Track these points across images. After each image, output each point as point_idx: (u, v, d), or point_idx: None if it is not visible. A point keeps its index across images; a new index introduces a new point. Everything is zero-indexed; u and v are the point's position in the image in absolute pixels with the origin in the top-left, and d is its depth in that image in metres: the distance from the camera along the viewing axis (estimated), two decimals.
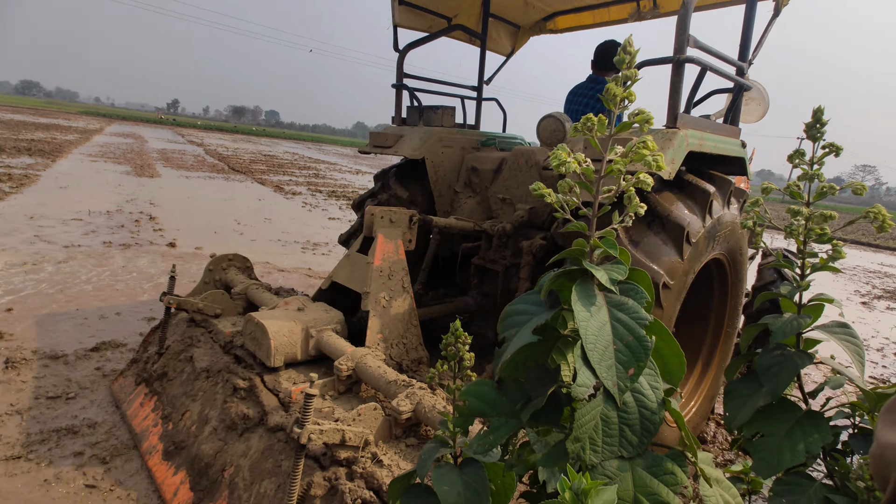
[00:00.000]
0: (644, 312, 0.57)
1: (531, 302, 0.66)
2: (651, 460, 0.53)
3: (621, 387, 0.53)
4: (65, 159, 12.62)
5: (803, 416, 0.97)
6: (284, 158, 23.62)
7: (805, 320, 0.97)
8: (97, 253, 5.11)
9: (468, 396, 0.67)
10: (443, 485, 0.65)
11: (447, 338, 0.71)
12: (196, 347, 2.36)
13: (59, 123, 28.41)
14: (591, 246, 0.63)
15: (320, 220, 8.64)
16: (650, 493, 0.50)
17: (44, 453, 2.15)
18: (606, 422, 0.54)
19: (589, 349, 0.54)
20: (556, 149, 0.62)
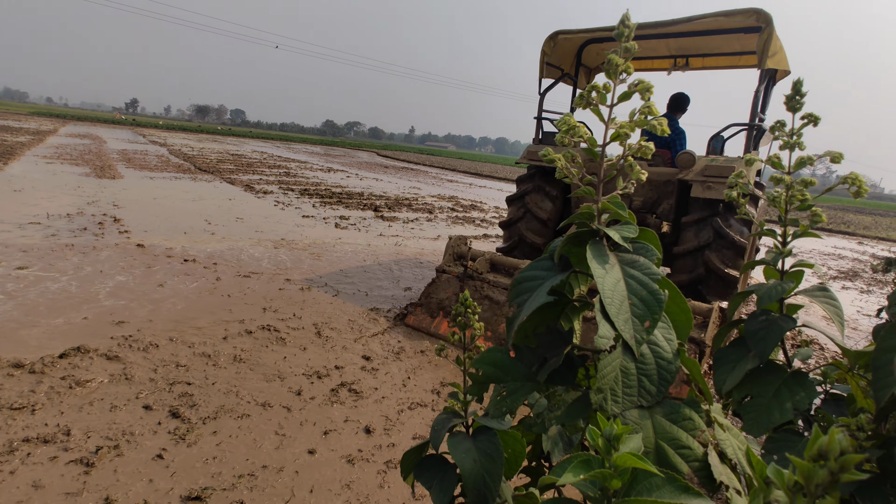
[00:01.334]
0: (655, 268, 0.59)
1: (541, 268, 0.67)
2: (669, 408, 0.55)
3: (638, 339, 0.54)
4: (17, 161, 12.01)
5: (789, 377, 1.01)
6: (253, 157, 23.09)
7: (788, 285, 1.01)
8: (59, 257, 4.89)
9: (482, 364, 0.68)
10: (458, 452, 0.65)
11: (457, 307, 0.71)
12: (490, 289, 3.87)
13: (9, 125, 26.99)
14: (598, 210, 0.65)
15: (294, 218, 8.49)
16: (671, 439, 0.52)
17: (16, 463, 2.06)
18: (626, 373, 0.56)
19: (607, 303, 0.56)
20: (564, 115, 0.64)
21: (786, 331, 1.01)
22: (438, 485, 0.69)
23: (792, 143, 0.99)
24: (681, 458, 0.51)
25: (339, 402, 2.83)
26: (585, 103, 0.67)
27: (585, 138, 0.64)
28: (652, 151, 0.63)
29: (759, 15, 3.82)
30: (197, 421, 2.49)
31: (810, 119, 0.97)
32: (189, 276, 4.69)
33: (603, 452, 0.45)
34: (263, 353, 3.33)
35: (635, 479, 0.45)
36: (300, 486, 2.13)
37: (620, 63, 0.64)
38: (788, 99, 0.99)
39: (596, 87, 0.63)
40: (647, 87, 0.64)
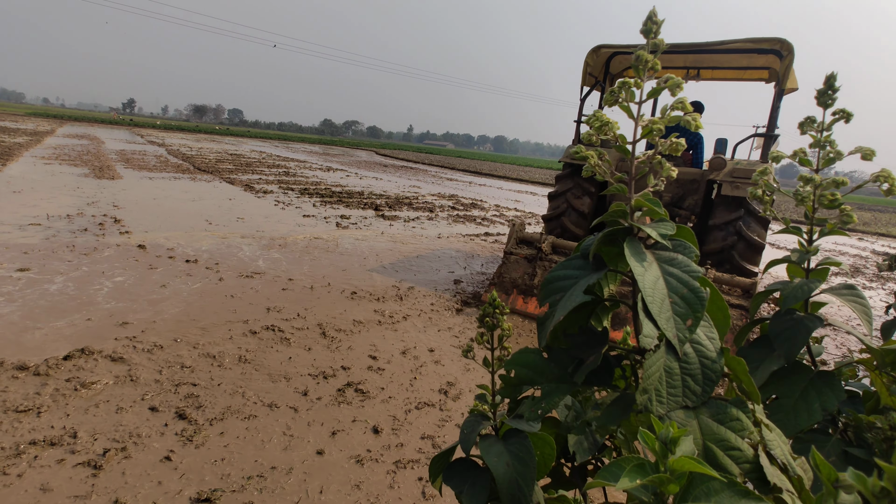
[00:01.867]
0: (695, 266, 0.58)
1: (573, 267, 0.66)
2: (715, 408, 0.53)
3: (681, 338, 0.53)
4: (16, 162, 11.97)
5: (815, 377, 1.00)
6: (252, 157, 23.04)
7: (815, 284, 1.00)
8: (60, 258, 4.87)
9: (514, 366, 0.66)
10: (491, 456, 0.64)
11: (485, 307, 0.70)
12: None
13: (6, 126, 26.90)
14: (631, 207, 0.63)
15: (295, 217, 8.47)
16: (719, 440, 0.51)
17: (23, 466, 2.04)
18: (670, 373, 0.54)
19: (648, 301, 0.54)
20: (595, 112, 0.62)
21: (813, 330, 0.99)
22: (470, 490, 0.67)
23: (822, 139, 0.97)
24: (731, 459, 0.50)
25: (346, 403, 2.82)
26: (614, 100, 0.66)
27: (617, 135, 0.63)
28: (683, 148, 0.62)
29: (782, 44, 4.52)
30: (204, 422, 2.48)
31: (842, 115, 0.95)
32: (191, 277, 4.67)
33: (659, 456, 0.44)
34: (268, 353, 3.32)
35: (691, 484, 0.44)
36: (310, 487, 2.11)
37: (649, 59, 0.63)
38: (820, 94, 0.97)
39: (625, 84, 0.62)
40: (677, 83, 0.62)
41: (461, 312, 4.61)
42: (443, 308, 4.64)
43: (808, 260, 1.03)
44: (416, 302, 4.71)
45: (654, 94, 0.67)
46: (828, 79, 0.89)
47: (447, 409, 2.89)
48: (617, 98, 0.62)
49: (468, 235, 8.53)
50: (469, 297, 5.08)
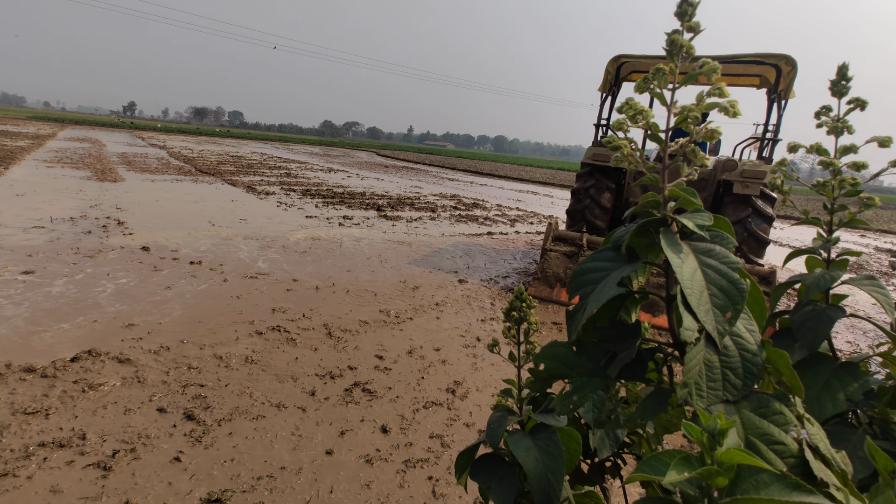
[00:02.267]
0: (734, 257, 0.57)
1: (603, 259, 0.65)
2: (757, 402, 0.52)
3: (720, 331, 0.52)
4: (18, 166, 11.98)
5: (838, 367, 0.99)
6: (253, 159, 23.05)
7: (836, 274, 0.99)
8: (65, 261, 4.86)
9: (544, 359, 0.65)
10: (520, 451, 0.63)
11: (512, 301, 0.69)
12: None
13: (8, 129, 26.95)
14: (664, 197, 0.62)
15: (298, 218, 8.47)
16: (762, 434, 0.50)
17: (33, 468, 2.04)
18: (709, 367, 0.53)
19: (687, 293, 0.53)
20: (628, 99, 0.61)
21: (835, 321, 0.98)
22: (498, 485, 0.66)
23: (838, 128, 0.96)
24: (775, 454, 0.49)
25: (354, 402, 2.81)
26: (646, 87, 0.65)
27: (650, 123, 0.62)
28: (720, 135, 0.61)
29: (787, 59, 5.11)
30: (212, 423, 2.47)
31: (857, 103, 0.94)
32: (196, 279, 4.66)
33: (706, 448, 0.43)
34: (275, 354, 3.31)
35: (738, 477, 0.43)
36: (320, 487, 2.10)
37: (685, 43, 0.61)
38: (834, 84, 0.96)
39: (660, 69, 0.60)
40: (714, 67, 0.61)
41: (467, 312, 4.60)
42: (448, 308, 4.63)
43: (829, 250, 1.02)
44: (422, 301, 4.70)
45: (690, 79, 0.66)
46: (840, 69, 0.88)
47: (455, 408, 2.88)
48: (649, 84, 0.61)
49: (471, 235, 8.52)
50: (474, 296, 5.06)
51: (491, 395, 3.08)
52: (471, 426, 2.69)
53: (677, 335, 0.61)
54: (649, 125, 0.62)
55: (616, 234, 0.67)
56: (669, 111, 0.63)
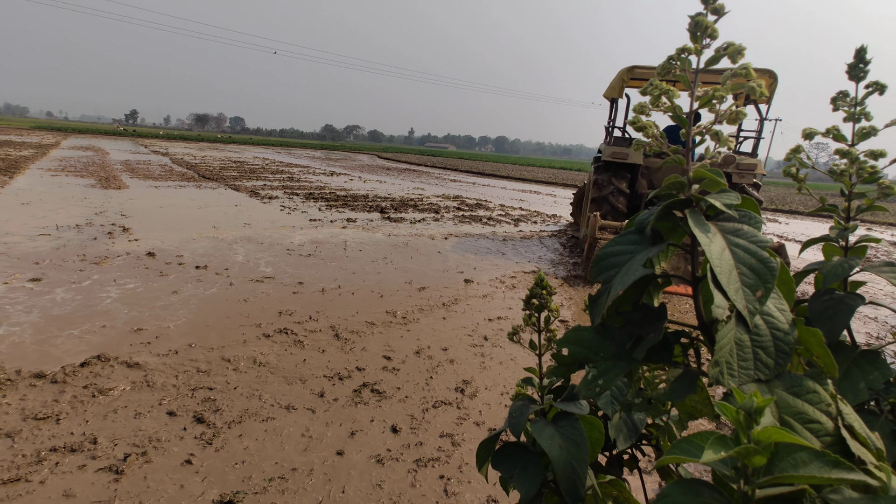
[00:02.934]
0: (763, 236, 0.56)
1: (627, 242, 0.64)
2: (790, 381, 0.52)
3: (751, 309, 0.51)
4: (23, 175, 12.05)
5: (858, 356, 0.98)
6: (255, 164, 23.12)
7: (854, 261, 0.98)
8: (72, 268, 4.88)
9: (567, 344, 0.65)
10: (544, 439, 0.62)
11: (532, 288, 0.68)
12: None
13: (12, 139, 27.12)
14: (689, 179, 0.62)
15: (302, 221, 8.48)
16: (796, 413, 0.49)
17: (45, 473, 2.04)
18: (740, 346, 0.53)
19: (717, 272, 0.53)
20: (652, 79, 0.61)
21: (854, 309, 0.97)
22: (521, 474, 0.65)
23: (856, 113, 0.95)
24: (810, 433, 0.48)
25: (363, 403, 2.80)
26: (668, 69, 0.64)
27: (674, 104, 0.61)
28: (745, 116, 0.60)
29: (770, 73, 6.44)
30: (222, 425, 2.47)
31: (876, 87, 0.93)
32: (202, 283, 4.67)
33: (742, 427, 0.42)
34: (283, 356, 3.31)
35: (776, 456, 0.42)
36: (331, 488, 2.10)
37: (710, 24, 0.61)
38: (851, 68, 0.95)
39: (687, 49, 0.60)
40: (739, 49, 0.60)
41: (473, 311, 4.59)
42: (455, 307, 4.62)
43: (847, 237, 1.01)
44: (428, 302, 4.69)
45: (714, 61, 0.65)
46: (858, 52, 0.87)
47: (464, 407, 2.87)
48: (672, 67, 0.60)
49: (476, 235, 8.52)
50: (480, 296, 5.06)
51: (500, 393, 3.07)
52: (481, 425, 2.68)
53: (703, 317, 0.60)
54: (674, 106, 0.61)
55: (640, 217, 0.66)
56: (693, 93, 0.63)
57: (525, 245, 8.10)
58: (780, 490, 0.43)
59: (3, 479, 1.97)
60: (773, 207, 19.74)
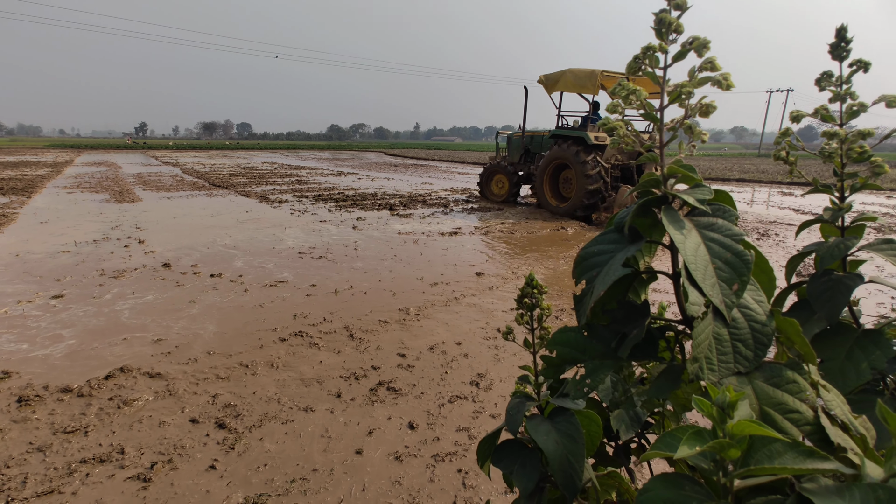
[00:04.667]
0: (737, 229, 0.57)
1: (607, 241, 0.65)
2: (770, 372, 0.52)
3: (728, 303, 0.52)
4: (40, 194, 12.33)
5: (861, 336, 0.97)
6: (264, 169, 23.33)
7: (851, 241, 0.97)
8: (91, 283, 5.01)
9: (555, 345, 0.66)
10: (540, 435, 0.64)
11: (523, 289, 0.70)
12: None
13: (27, 159, 27.71)
14: (664, 175, 0.63)
15: (311, 223, 8.56)
16: (776, 404, 0.50)
17: (77, 484, 2.12)
18: (719, 339, 0.53)
19: (692, 268, 0.53)
20: (621, 80, 0.61)
21: (853, 289, 0.97)
22: (520, 470, 0.67)
23: (842, 93, 0.95)
24: (790, 422, 0.49)
25: (380, 401, 2.85)
26: (637, 67, 0.65)
27: (644, 102, 0.62)
28: (715, 109, 0.60)
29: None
30: (243, 430, 2.53)
31: (860, 65, 0.92)
32: (217, 290, 4.76)
33: (716, 422, 0.44)
34: (299, 358, 3.37)
35: (752, 448, 0.43)
36: (352, 486, 2.14)
37: (673, 21, 0.61)
38: (833, 47, 0.94)
39: (651, 48, 0.60)
40: (704, 42, 0.61)
41: (486, 305, 4.61)
42: (469, 301, 4.65)
43: (843, 217, 1.00)
44: (440, 297, 4.72)
45: (680, 57, 0.66)
46: (839, 31, 0.87)
47: (480, 400, 2.89)
48: (640, 65, 0.61)
49: (486, 227, 8.51)
50: (493, 288, 5.07)
51: (515, 384, 3.09)
52: (497, 417, 2.71)
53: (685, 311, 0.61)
54: (643, 105, 0.62)
55: (618, 216, 0.67)
56: (663, 89, 0.63)
57: (536, 236, 8.07)
58: (758, 481, 0.44)
59: (37, 492, 2.06)
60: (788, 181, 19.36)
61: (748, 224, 9.48)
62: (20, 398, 2.77)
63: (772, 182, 20.22)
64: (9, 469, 2.20)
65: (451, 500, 2.09)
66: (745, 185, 18.84)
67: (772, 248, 7.37)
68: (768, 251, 7.12)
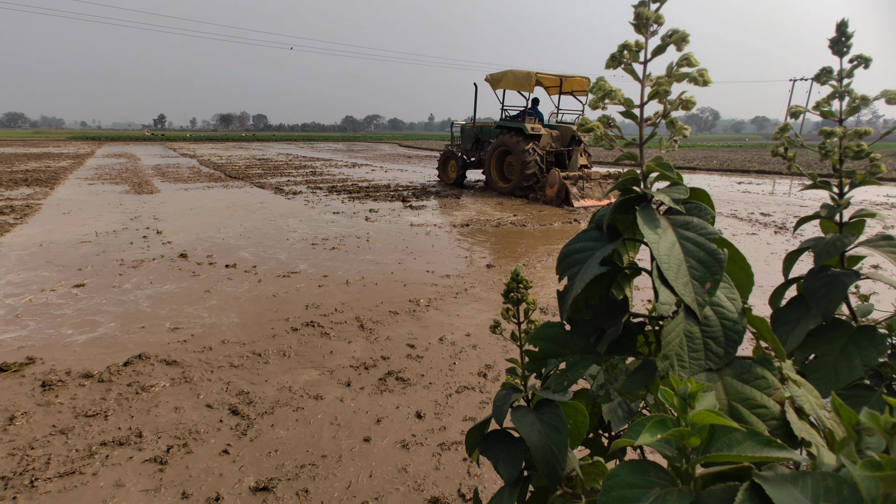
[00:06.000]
0: (711, 228, 0.58)
1: (589, 238, 0.67)
2: (739, 368, 0.54)
3: (700, 302, 0.54)
4: (62, 186, 12.64)
5: (856, 333, 0.98)
6: (279, 160, 23.53)
7: (849, 238, 0.97)
8: (111, 272, 5.15)
9: (538, 340, 0.68)
10: (524, 426, 0.67)
11: (509, 284, 0.72)
12: None
13: (50, 151, 28.36)
14: (643, 173, 0.64)
15: (325, 215, 8.65)
16: (744, 399, 0.51)
17: (97, 465, 2.21)
18: (690, 337, 0.55)
19: (664, 268, 0.55)
20: (598, 79, 0.63)
21: (850, 285, 0.97)
22: (506, 459, 0.70)
23: (841, 89, 0.94)
24: (757, 417, 0.51)
25: (389, 391, 2.90)
26: (617, 63, 0.66)
27: (622, 101, 0.63)
28: (694, 104, 0.61)
29: (587, 78, 11.61)
30: (256, 417, 2.60)
31: (860, 61, 0.91)
32: (232, 281, 4.86)
33: (679, 411, 0.45)
34: (310, 348, 3.44)
35: (713, 437, 0.45)
36: (359, 473, 2.20)
37: (650, 15, 0.62)
38: (834, 42, 0.94)
39: (627, 45, 0.62)
40: (683, 36, 0.61)
41: (496, 296, 4.63)
42: (479, 293, 4.68)
43: (841, 213, 1.00)
44: (451, 289, 4.76)
45: (659, 51, 0.66)
46: (839, 26, 0.86)
47: (487, 391, 2.93)
48: (620, 61, 0.62)
49: (498, 219, 8.51)
50: (503, 280, 5.08)
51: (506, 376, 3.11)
52: None
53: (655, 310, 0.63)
54: (622, 101, 0.63)
55: (598, 213, 0.69)
56: (643, 85, 0.64)
57: (549, 227, 8.04)
58: (720, 469, 0.46)
59: (60, 472, 2.15)
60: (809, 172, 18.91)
61: (773, 217, 9.31)
62: (44, 383, 2.89)
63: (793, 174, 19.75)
64: (33, 450, 2.30)
65: (455, 487, 2.14)
66: (764, 178, 18.44)
67: (789, 241, 7.24)
68: (786, 245, 6.99)
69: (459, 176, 13.56)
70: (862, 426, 0.36)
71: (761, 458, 0.42)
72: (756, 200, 11.54)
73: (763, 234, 7.62)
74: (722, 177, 18.50)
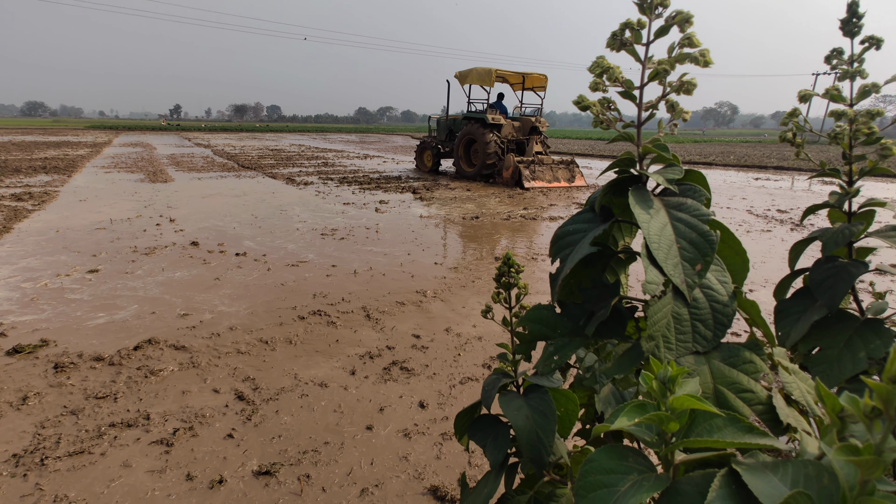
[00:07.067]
0: (704, 209, 0.56)
1: (582, 220, 0.65)
2: (728, 352, 0.53)
3: (689, 283, 0.52)
4: (80, 173, 12.84)
5: (861, 325, 0.95)
6: (291, 151, 23.65)
7: (857, 227, 0.94)
8: (125, 259, 5.23)
9: (528, 322, 0.67)
10: (510, 410, 0.66)
11: (500, 267, 0.71)
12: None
13: (69, 140, 28.81)
14: (639, 154, 0.62)
15: (335, 206, 8.68)
16: (730, 383, 0.50)
17: (105, 446, 2.25)
18: (678, 319, 0.54)
19: (653, 248, 0.53)
20: (597, 58, 0.61)
21: (856, 277, 0.94)
22: (492, 443, 0.69)
23: (852, 71, 0.91)
24: (742, 401, 0.49)
25: (393, 380, 2.91)
26: (619, 44, 0.64)
27: (622, 80, 0.62)
28: (695, 87, 0.59)
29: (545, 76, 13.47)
30: (261, 402, 2.63)
31: (872, 42, 0.88)
32: (241, 269, 4.90)
33: (658, 395, 0.44)
34: (317, 336, 3.46)
35: (694, 422, 0.44)
36: (360, 460, 2.21)
37: None
38: (844, 23, 0.90)
39: (630, 25, 0.60)
40: (687, 17, 0.59)
41: None
42: (485, 285, 4.66)
43: (850, 202, 0.97)
44: (458, 280, 4.75)
45: (662, 32, 0.64)
46: (850, 6, 0.83)
47: None
48: (622, 40, 0.60)
49: (508, 212, 8.47)
50: None
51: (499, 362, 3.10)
52: None
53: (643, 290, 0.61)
54: (621, 82, 0.61)
55: (592, 196, 0.67)
56: (644, 66, 0.62)
57: (558, 221, 7.99)
58: (702, 455, 0.44)
59: (69, 451, 2.20)
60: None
61: (790, 214, 9.13)
62: (56, 365, 2.95)
63: (813, 170, 19.32)
64: (45, 429, 2.35)
65: (455, 476, 2.14)
66: (783, 174, 18.08)
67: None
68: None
69: (435, 164, 14.79)
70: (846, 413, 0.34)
71: (742, 444, 0.40)
72: (773, 196, 11.33)
73: (778, 231, 7.48)
74: (739, 172, 18.17)
